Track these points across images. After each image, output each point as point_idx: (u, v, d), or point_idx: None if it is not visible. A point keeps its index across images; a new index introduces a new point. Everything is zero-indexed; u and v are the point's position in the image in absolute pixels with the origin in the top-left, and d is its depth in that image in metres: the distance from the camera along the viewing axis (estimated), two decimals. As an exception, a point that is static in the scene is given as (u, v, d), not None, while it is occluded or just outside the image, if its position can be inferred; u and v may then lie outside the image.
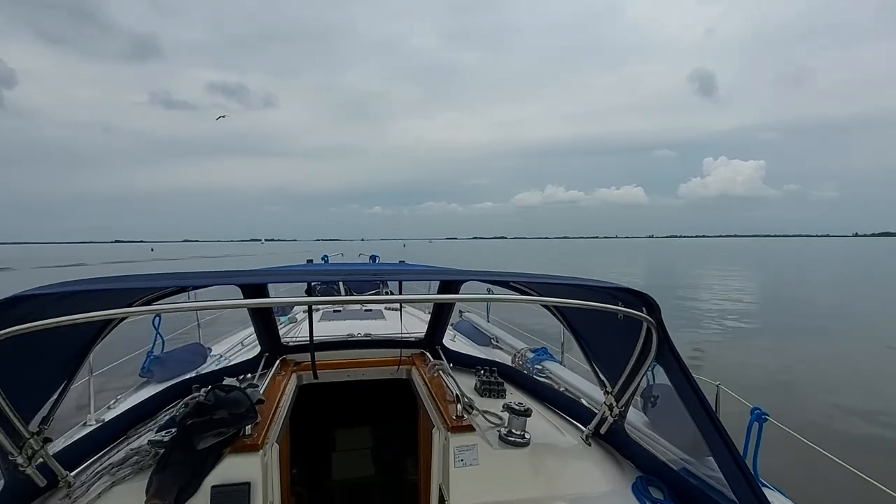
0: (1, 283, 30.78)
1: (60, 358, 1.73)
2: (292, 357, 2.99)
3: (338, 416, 3.72)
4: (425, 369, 2.78)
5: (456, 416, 2.07)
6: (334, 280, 2.10)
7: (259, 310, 2.84)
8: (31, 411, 1.58)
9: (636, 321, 1.63)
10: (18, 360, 1.40)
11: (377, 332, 3.58)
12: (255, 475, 1.71)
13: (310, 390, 2.90)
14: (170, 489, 1.55)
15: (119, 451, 1.92)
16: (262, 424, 1.94)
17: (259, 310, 2.84)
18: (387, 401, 3.59)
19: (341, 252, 13.28)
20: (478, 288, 3.05)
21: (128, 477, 1.71)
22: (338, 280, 2.06)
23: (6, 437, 1.43)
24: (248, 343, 4.32)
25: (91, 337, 1.83)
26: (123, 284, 1.44)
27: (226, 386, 1.97)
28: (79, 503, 1.62)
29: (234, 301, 1.84)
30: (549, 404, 2.59)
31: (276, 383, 2.53)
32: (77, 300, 1.41)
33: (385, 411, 3.73)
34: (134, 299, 1.85)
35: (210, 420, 1.70)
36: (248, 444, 1.78)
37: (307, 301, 1.99)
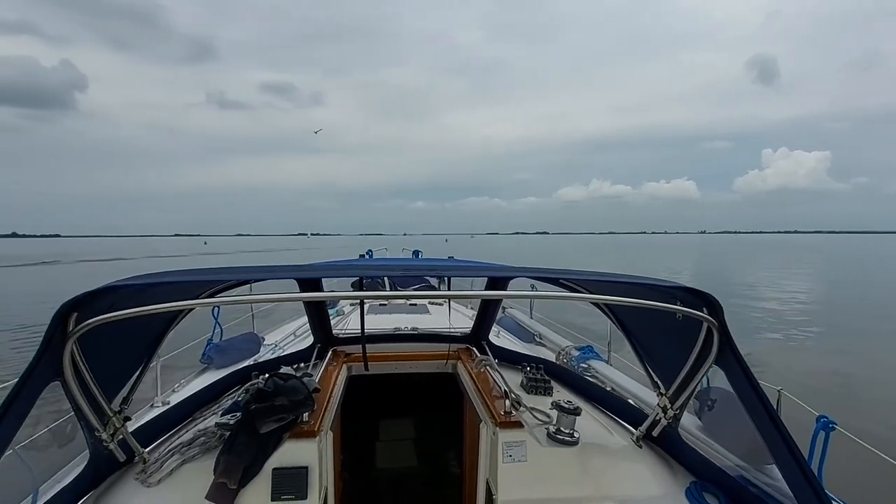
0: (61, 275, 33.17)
1: (138, 344, 1.88)
2: (343, 349, 3.09)
3: (383, 406, 3.81)
4: (471, 364, 2.80)
5: (504, 412, 2.08)
6: (384, 275, 2.14)
7: (313, 302, 2.95)
8: (113, 392, 1.73)
9: (695, 322, 1.58)
10: (104, 346, 1.53)
11: (423, 327, 3.64)
12: (311, 460, 1.79)
13: (357, 381, 2.99)
14: (236, 469, 1.66)
15: (187, 432, 2.05)
16: (317, 412, 2.02)
17: (313, 302, 2.95)
18: (431, 394, 3.65)
19: (385, 247, 13.52)
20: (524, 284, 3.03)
21: (196, 456, 1.84)
22: (388, 275, 2.10)
23: (93, 414, 1.58)
24: (300, 334, 4.50)
25: (164, 325, 1.97)
26: (192, 277, 1.55)
27: (283, 374, 2.07)
28: (154, 478, 1.75)
29: (292, 294, 1.93)
30: (598, 404, 2.55)
31: (328, 373, 2.63)
32: (152, 292, 1.53)
33: (429, 404, 3.79)
34: (200, 291, 1.97)
35: (271, 406, 1.79)
36: (306, 431, 1.87)
37: (360, 295, 2.06)
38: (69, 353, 1.35)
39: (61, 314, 1.29)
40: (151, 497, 1.71)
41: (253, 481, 1.72)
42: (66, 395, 1.47)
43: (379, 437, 3.87)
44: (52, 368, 1.35)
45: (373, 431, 3.85)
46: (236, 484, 1.65)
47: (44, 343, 1.29)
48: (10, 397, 1.23)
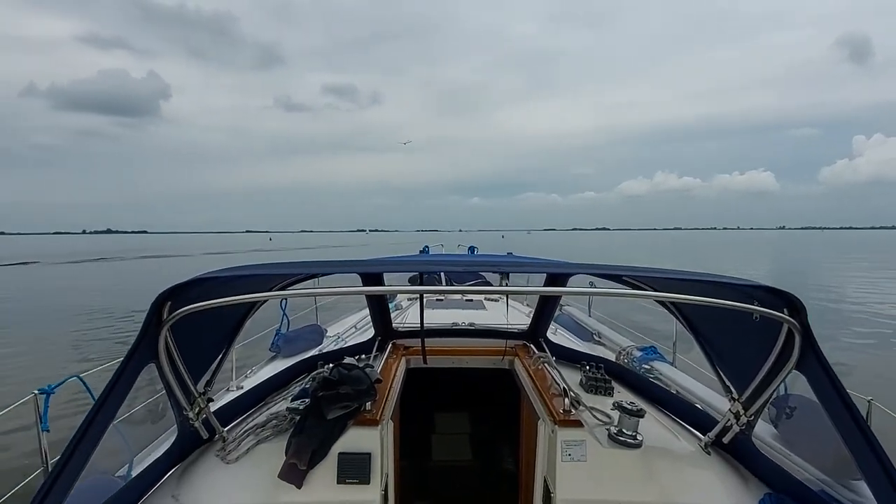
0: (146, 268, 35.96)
1: (220, 331, 2.04)
2: (402, 342, 3.17)
3: (438, 400, 3.88)
4: (529, 361, 2.79)
5: (563, 410, 2.06)
6: (446, 270, 2.17)
7: (375, 296, 3.06)
8: (198, 375, 1.89)
9: (774, 323, 1.48)
10: (191, 333, 1.69)
11: (479, 323, 3.66)
12: (374, 447, 1.87)
13: (415, 373, 3.06)
14: (305, 451, 1.76)
15: (261, 415, 2.21)
16: (379, 401, 2.10)
17: (375, 296, 3.06)
18: (486, 389, 3.66)
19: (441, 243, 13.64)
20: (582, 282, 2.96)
21: (269, 437, 1.97)
22: (450, 270, 2.13)
23: (182, 395, 1.74)
24: (361, 326, 4.67)
25: (242, 315, 2.13)
26: (268, 271, 1.67)
27: (347, 364, 2.17)
28: (232, 455, 1.90)
29: (356, 288, 2.01)
30: (662, 407, 2.46)
31: (388, 365, 2.72)
32: (233, 284, 1.66)
33: (484, 399, 3.80)
34: (274, 284, 2.11)
35: (337, 394, 1.89)
36: (369, 419, 1.95)
37: (420, 290, 2.11)
38: (164, 338, 1.51)
39: (157, 303, 1.44)
40: (230, 473, 1.85)
41: (321, 464, 1.82)
42: (159, 376, 1.63)
43: (434, 429, 3.94)
44: (149, 352, 1.51)
45: (428, 424, 3.93)
46: (306, 465, 1.76)
47: (143, 329, 1.45)
48: (114, 376, 1.38)
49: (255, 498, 1.75)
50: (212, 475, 1.85)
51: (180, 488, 1.80)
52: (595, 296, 2.49)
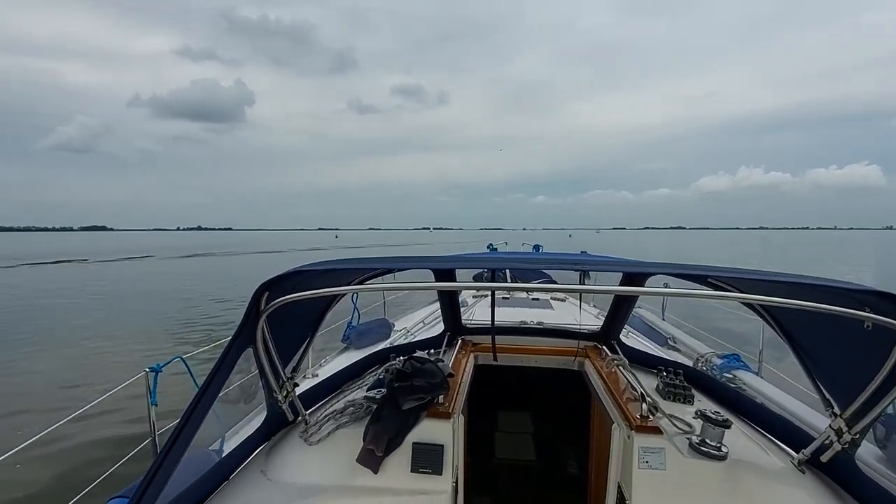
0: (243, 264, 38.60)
1: (306, 321, 2.19)
2: (471, 338, 3.21)
3: (502, 398, 3.88)
4: (601, 363, 2.72)
5: (640, 416, 1.99)
6: (520, 267, 2.15)
7: (447, 292, 3.11)
8: (286, 361, 2.03)
9: (888, 333, 1.34)
10: (282, 321, 1.82)
11: (548, 322, 3.61)
12: (446, 439, 1.92)
13: (482, 370, 3.08)
14: (382, 439, 1.85)
15: (338, 401, 2.33)
16: (451, 395, 2.15)
17: (447, 292, 3.11)
18: (553, 390, 3.61)
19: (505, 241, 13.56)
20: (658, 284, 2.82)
21: (347, 423, 2.08)
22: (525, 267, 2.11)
23: (273, 378, 1.89)
24: (429, 322, 4.78)
25: (325, 305, 2.27)
26: (351, 265, 1.76)
27: (420, 358, 2.24)
28: (314, 437, 2.02)
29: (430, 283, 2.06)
30: (747, 418, 2.30)
31: (458, 361, 2.76)
32: (321, 277, 1.77)
33: (550, 400, 3.75)
34: (354, 278, 2.22)
35: (412, 386, 1.96)
36: (441, 412, 2.00)
37: (491, 286, 2.12)
38: (261, 326, 1.65)
39: (257, 294, 1.58)
40: (312, 454, 1.97)
41: (396, 452, 1.89)
42: (255, 360, 1.78)
43: (498, 427, 3.95)
44: (248, 337, 1.66)
45: (492, 421, 3.94)
46: (382, 452, 1.84)
47: (244, 317, 1.59)
48: (219, 360, 1.53)
49: (336, 479, 1.86)
50: (296, 455, 1.99)
51: (268, 465, 1.95)
52: (676, 297, 2.32)
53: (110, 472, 2.67)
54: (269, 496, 1.77)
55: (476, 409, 3.43)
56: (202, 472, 1.76)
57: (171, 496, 1.53)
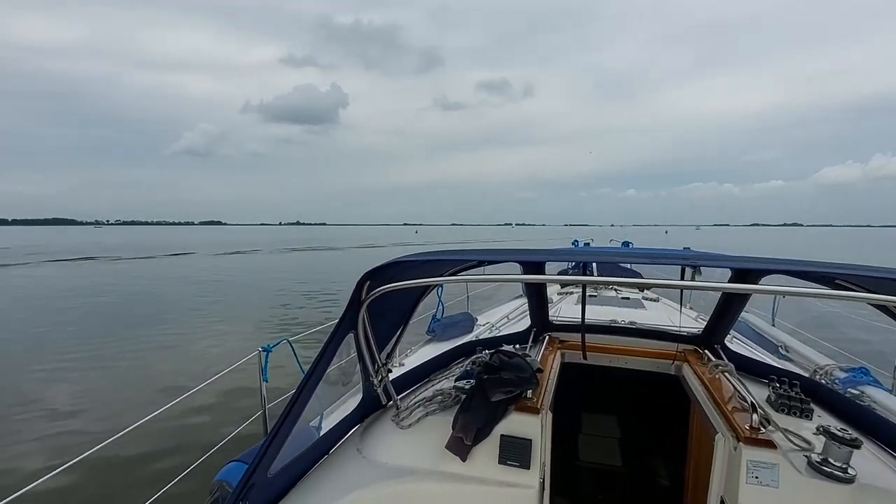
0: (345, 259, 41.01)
1: (400, 310, 2.30)
2: (557, 335, 3.15)
3: (587, 399, 3.75)
4: (703, 369, 2.53)
5: (749, 427, 1.83)
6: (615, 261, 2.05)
7: (535, 287, 3.09)
8: (381, 348, 2.15)
9: None
10: (379, 309, 1.93)
11: (641, 322, 3.44)
12: (535, 434, 1.91)
13: (568, 368, 3.01)
14: (471, 428, 1.89)
15: (427, 390, 2.41)
16: (539, 391, 2.14)
17: (535, 287, 3.09)
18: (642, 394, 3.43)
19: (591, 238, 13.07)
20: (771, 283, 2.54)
21: (436, 411, 2.15)
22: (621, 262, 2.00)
23: (370, 363, 2.01)
24: (513, 317, 4.76)
25: (418, 295, 2.36)
26: (444, 257, 1.82)
27: (507, 351, 2.25)
28: (405, 422, 2.12)
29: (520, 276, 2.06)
30: (879, 440, 2.01)
31: (544, 357, 2.73)
32: (417, 268, 1.86)
33: (639, 404, 3.57)
34: (445, 270, 2.29)
35: (500, 378, 1.98)
36: (530, 406, 2.00)
37: (584, 280, 2.05)
38: (362, 313, 1.76)
39: (360, 283, 1.70)
40: (404, 437, 2.07)
41: (484, 442, 1.92)
42: (355, 345, 1.91)
43: (581, 429, 3.83)
44: (351, 323, 1.79)
45: (575, 422, 3.84)
46: (471, 441, 1.88)
47: (348, 304, 1.72)
48: (325, 344, 1.67)
49: (425, 463, 1.93)
50: (388, 437, 2.10)
51: (363, 444, 2.08)
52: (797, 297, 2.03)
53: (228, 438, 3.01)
54: (364, 473, 1.89)
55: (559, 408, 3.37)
56: (305, 446, 1.92)
57: (281, 464, 1.70)
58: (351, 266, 27.94)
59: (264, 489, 1.63)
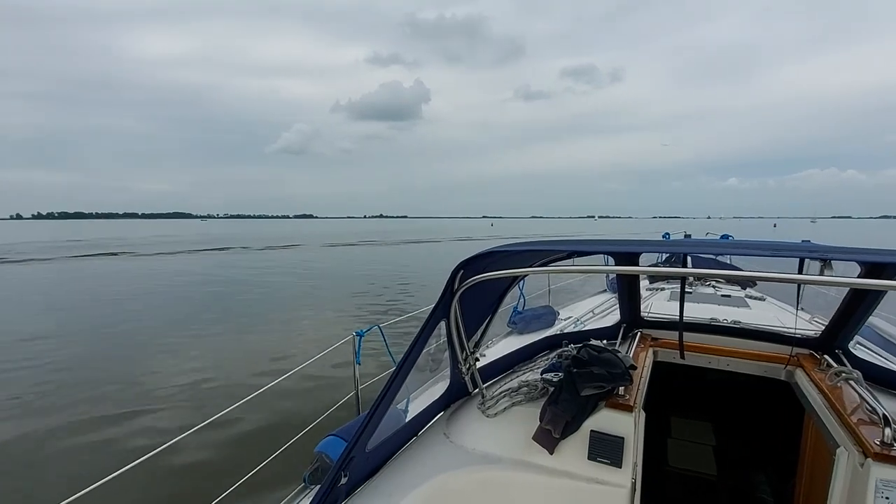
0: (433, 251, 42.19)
1: (489, 300, 2.33)
2: (649, 332, 3.00)
3: (679, 401, 3.52)
4: (822, 375, 2.28)
5: (880, 442, 1.62)
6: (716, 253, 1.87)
7: (627, 280, 2.96)
8: (470, 336, 2.19)
9: None
10: (470, 298, 1.97)
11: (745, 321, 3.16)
12: (627, 432, 1.85)
13: (659, 368, 2.85)
14: (560, 421, 1.87)
15: (512, 380, 2.42)
16: (632, 388, 2.06)
17: (627, 280, 2.96)
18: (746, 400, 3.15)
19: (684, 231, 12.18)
20: None
21: (522, 402, 2.15)
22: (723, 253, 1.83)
23: (460, 350, 2.06)
24: (599, 312, 4.60)
25: (506, 286, 2.37)
26: (534, 247, 1.81)
27: (596, 346, 2.18)
28: (491, 410, 2.14)
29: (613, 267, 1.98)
30: None
31: (636, 355, 2.62)
32: (507, 258, 1.87)
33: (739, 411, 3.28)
34: (535, 261, 2.27)
35: (591, 373, 1.93)
36: (623, 403, 1.93)
37: (684, 272, 1.91)
38: (455, 301, 1.82)
39: (454, 272, 1.75)
40: (490, 425, 2.10)
41: (572, 436, 1.89)
42: (446, 332, 1.98)
43: (671, 433, 3.62)
44: (443, 312, 1.85)
45: (664, 424, 3.62)
46: (559, 434, 1.86)
47: (442, 293, 1.78)
48: (420, 331, 1.74)
49: (512, 453, 1.95)
50: (474, 424, 2.14)
51: (450, 429, 2.14)
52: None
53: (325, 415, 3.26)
54: (451, 456, 1.95)
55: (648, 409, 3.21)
56: (396, 426, 2.02)
57: (376, 442, 1.81)
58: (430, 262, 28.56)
59: (362, 463, 1.74)
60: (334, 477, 1.58)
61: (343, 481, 1.61)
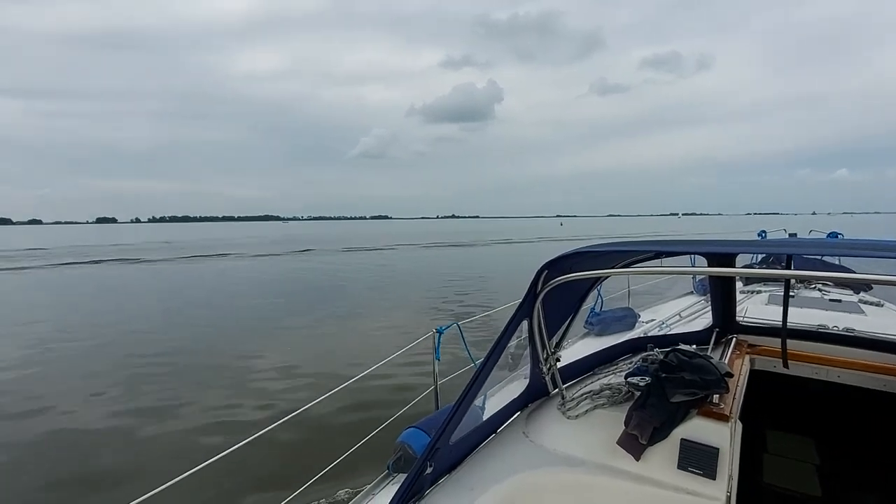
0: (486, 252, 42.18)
1: (571, 300, 2.30)
2: (746, 338, 2.79)
3: (777, 414, 3.22)
4: None
5: None
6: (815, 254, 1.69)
7: (721, 282, 2.78)
8: (550, 336, 2.18)
9: None
10: (552, 298, 1.96)
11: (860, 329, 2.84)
12: (723, 444, 1.74)
13: (756, 377, 2.64)
14: (647, 427, 1.80)
15: (593, 383, 2.36)
16: (728, 397, 1.94)
17: (721, 282, 2.78)
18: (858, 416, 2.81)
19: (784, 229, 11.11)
20: None
21: (604, 405, 2.10)
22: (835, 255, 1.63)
23: (541, 350, 2.06)
24: (686, 315, 4.34)
25: (588, 287, 2.33)
26: (619, 248, 1.77)
27: (687, 351, 2.08)
28: (572, 412, 2.11)
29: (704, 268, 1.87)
30: None
31: (731, 362, 2.45)
32: (591, 259, 1.84)
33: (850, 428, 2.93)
34: (618, 262, 2.21)
35: (682, 378, 1.84)
36: (717, 412, 1.83)
37: (787, 274, 1.76)
38: (538, 302, 1.82)
39: (539, 272, 1.76)
40: (571, 427, 2.07)
41: (660, 443, 1.82)
42: (528, 332, 1.98)
43: (766, 447, 3.32)
44: (527, 311, 1.86)
45: (759, 439, 3.33)
46: (646, 440, 1.80)
47: (527, 293, 1.79)
48: (505, 328, 1.77)
49: (594, 456, 1.91)
50: (555, 424, 2.12)
51: (529, 428, 2.14)
52: None
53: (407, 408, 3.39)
54: (532, 456, 1.95)
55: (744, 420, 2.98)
56: (477, 422, 2.06)
57: (458, 436, 1.86)
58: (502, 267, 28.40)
59: (445, 455, 1.80)
60: (421, 466, 1.65)
61: (428, 471, 1.68)
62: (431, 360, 3.20)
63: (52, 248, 46.03)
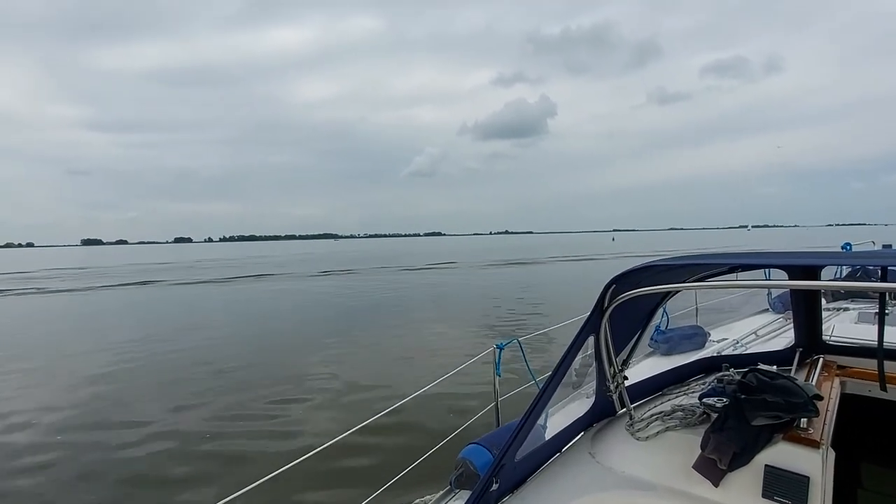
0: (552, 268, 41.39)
1: (639, 315, 2.23)
2: (833, 358, 2.57)
3: (872, 444, 2.89)
4: None
5: None
6: None
7: (805, 297, 2.59)
8: (618, 352, 2.12)
9: None
10: (621, 314, 1.92)
11: None
12: (814, 472, 1.61)
13: (848, 402, 2.41)
14: (726, 451, 1.70)
15: (663, 403, 2.26)
16: (817, 422, 1.79)
17: (805, 297, 2.59)
18: None
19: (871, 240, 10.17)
20: None
21: (676, 427, 2.00)
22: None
23: (607, 367, 2.01)
24: (763, 334, 4.06)
25: (657, 302, 2.26)
26: (691, 261, 1.71)
27: (768, 372, 1.95)
28: (641, 433, 2.03)
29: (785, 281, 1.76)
30: None
31: (818, 383, 2.27)
32: (661, 274, 1.79)
33: None
34: (689, 276, 2.13)
35: (764, 400, 1.73)
36: (806, 438, 1.69)
37: (883, 287, 1.61)
38: (605, 317, 1.79)
39: (606, 288, 1.73)
40: (641, 449, 1.99)
41: (741, 469, 1.71)
42: (594, 348, 1.95)
43: (861, 483, 2.98)
44: (593, 327, 1.83)
45: (853, 472, 3.01)
46: (726, 465, 1.70)
47: (593, 308, 1.77)
48: (570, 344, 1.75)
49: (669, 481, 1.82)
50: (623, 445, 2.04)
51: (595, 448, 2.07)
52: None
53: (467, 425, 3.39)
54: (599, 478, 1.88)
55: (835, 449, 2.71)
56: (541, 440, 2.02)
57: (523, 453, 1.84)
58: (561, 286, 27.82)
59: (510, 472, 1.78)
60: (487, 482, 1.65)
61: (494, 487, 1.67)
62: (491, 376, 3.19)
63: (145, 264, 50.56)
